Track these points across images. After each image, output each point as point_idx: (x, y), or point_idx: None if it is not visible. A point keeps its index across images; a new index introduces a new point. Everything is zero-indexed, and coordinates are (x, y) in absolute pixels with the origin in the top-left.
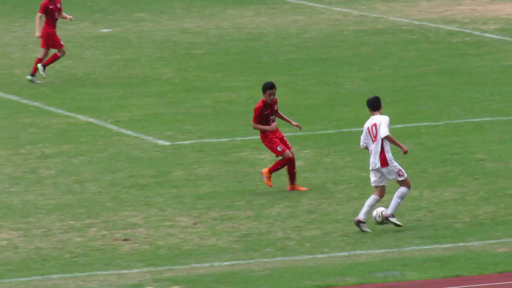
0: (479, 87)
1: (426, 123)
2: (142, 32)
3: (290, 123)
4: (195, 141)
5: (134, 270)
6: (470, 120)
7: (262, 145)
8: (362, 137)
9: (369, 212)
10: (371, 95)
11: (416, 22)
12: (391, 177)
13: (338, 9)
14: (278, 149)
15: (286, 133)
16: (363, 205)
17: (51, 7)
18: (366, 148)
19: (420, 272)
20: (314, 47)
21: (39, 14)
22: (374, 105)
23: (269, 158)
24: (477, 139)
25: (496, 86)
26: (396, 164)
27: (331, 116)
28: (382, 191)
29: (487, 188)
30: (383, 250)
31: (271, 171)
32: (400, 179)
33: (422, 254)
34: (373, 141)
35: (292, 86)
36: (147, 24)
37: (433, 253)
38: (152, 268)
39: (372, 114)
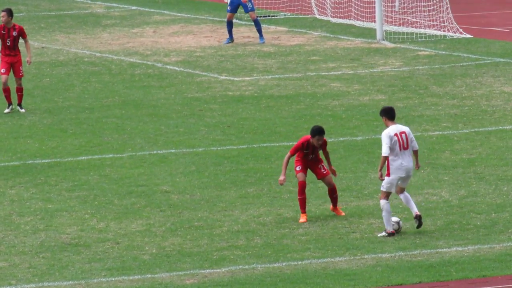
0: (163, 119)
1: (111, 155)
2: None
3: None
4: None
5: None
6: (155, 152)
7: None
8: (388, 144)
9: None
10: (386, 106)
11: (98, 54)
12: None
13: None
14: (297, 168)
15: None
16: (408, 204)
17: (3, 32)
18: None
19: None
20: None
21: None
22: (392, 114)
23: None
24: (162, 171)
25: (180, 118)
26: None
27: (15, 148)
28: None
29: (173, 219)
30: (70, 282)
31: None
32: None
33: (110, 286)
34: (405, 148)
35: None
36: None
37: (120, 284)
38: None
39: (389, 124)
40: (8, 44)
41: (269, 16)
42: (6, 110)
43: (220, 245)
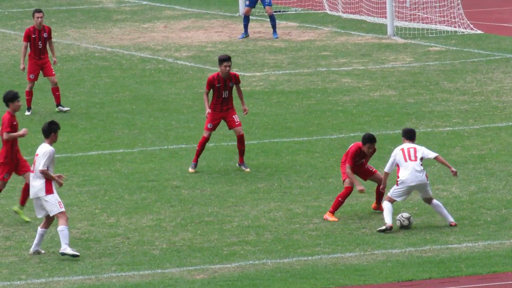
0: (174, 114)
1: (122, 150)
2: None
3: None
4: None
5: None
6: (165, 147)
7: None
8: (391, 162)
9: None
10: (407, 127)
11: (109, 49)
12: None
13: None
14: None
15: None
16: (441, 213)
17: (34, 36)
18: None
19: None
20: (7, 74)
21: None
22: (409, 135)
23: None
24: (172, 166)
25: (191, 113)
26: None
27: (26, 143)
28: None
29: (184, 215)
30: (80, 277)
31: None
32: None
33: (120, 281)
34: (411, 160)
35: None
36: None
37: (130, 279)
38: None
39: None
40: (40, 47)
41: (280, 11)
42: (27, 113)
43: (230, 240)
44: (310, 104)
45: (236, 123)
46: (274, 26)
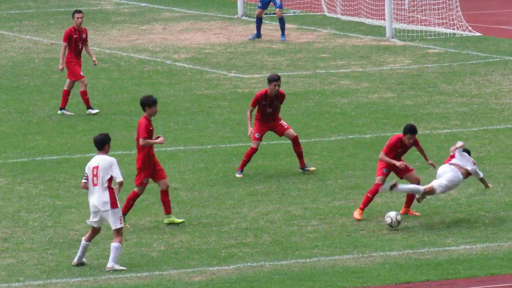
0: (172, 116)
1: (120, 152)
2: None
3: None
4: None
5: None
6: (163, 149)
7: None
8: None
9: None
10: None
11: (107, 51)
12: None
13: (28, 37)
14: (384, 171)
15: None
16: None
17: (75, 36)
18: None
19: None
20: (5, 75)
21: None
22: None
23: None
24: (171, 168)
25: (189, 115)
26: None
27: (24, 144)
28: None
29: (182, 217)
30: (79, 279)
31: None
32: None
33: (118, 283)
34: None
35: None
36: None
37: (128, 281)
38: None
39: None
40: (79, 47)
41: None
42: (69, 113)
43: (229, 242)
44: (309, 106)
45: (285, 127)
46: (283, 29)
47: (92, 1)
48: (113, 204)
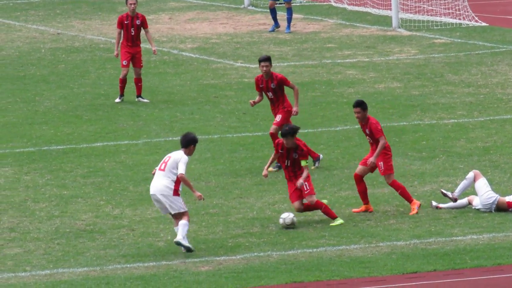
0: (178, 106)
1: (126, 142)
2: None
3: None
4: None
5: None
6: (170, 138)
7: None
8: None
9: None
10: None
11: (114, 41)
12: None
13: (35, 26)
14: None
15: None
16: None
17: (126, 22)
18: None
19: None
20: (11, 65)
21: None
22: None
23: None
24: None
25: (195, 104)
26: None
27: (30, 134)
28: None
29: (189, 206)
30: (85, 269)
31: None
32: None
33: (125, 273)
34: None
35: None
36: None
37: (135, 271)
38: None
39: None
40: (132, 34)
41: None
42: (117, 100)
43: (235, 232)
44: (315, 96)
45: (273, 122)
46: (289, 20)
47: None
48: (175, 193)
